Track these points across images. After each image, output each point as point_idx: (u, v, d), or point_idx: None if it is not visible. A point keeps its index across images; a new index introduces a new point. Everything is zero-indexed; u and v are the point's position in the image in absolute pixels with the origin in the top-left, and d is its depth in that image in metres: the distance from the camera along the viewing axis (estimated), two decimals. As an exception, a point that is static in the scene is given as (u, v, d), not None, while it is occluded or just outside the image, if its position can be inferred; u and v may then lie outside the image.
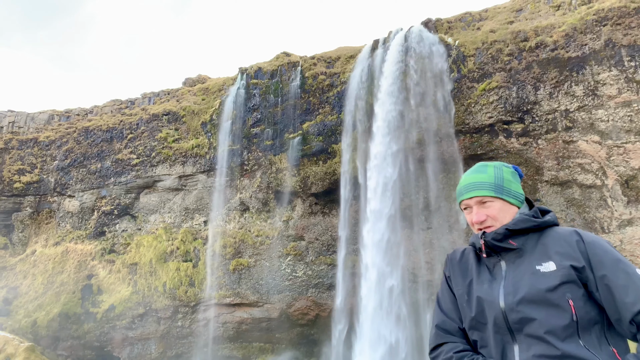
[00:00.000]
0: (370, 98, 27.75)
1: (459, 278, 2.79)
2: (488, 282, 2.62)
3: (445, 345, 2.69)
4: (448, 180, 26.17)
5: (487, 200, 2.72)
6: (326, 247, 30.08)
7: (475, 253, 2.79)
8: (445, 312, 2.80)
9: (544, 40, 23.86)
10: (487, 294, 2.57)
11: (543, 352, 2.36)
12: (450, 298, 2.82)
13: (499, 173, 2.79)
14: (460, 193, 2.85)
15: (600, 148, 22.87)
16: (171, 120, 33.95)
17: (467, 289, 2.70)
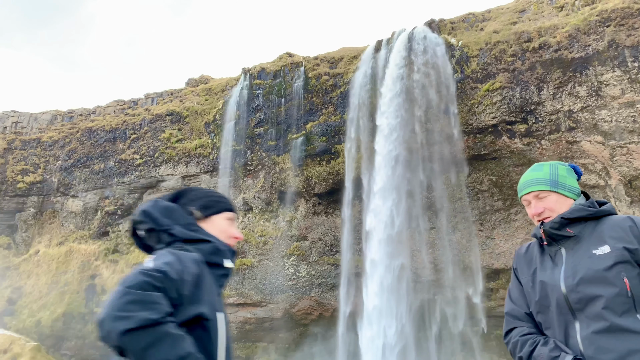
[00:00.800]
0: (373, 98, 27.85)
1: (524, 268, 3.05)
2: (550, 269, 2.86)
3: (514, 330, 2.97)
4: (451, 180, 26.27)
5: (544, 194, 2.99)
6: (329, 247, 30.18)
7: (539, 245, 3.05)
8: (513, 300, 3.06)
9: (547, 41, 23.94)
10: (549, 279, 2.82)
11: (602, 327, 2.57)
12: (517, 287, 3.07)
13: (554, 170, 3.06)
14: (520, 189, 3.15)
15: (603, 148, 22.96)
16: (174, 121, 34.05)
17: (532, 277, 2.96)
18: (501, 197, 26.41)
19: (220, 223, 2.68)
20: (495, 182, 26.24)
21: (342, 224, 28.63)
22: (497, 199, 26.51)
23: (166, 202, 2.63)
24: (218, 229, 2.65)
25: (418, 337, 25.16)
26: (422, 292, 26.81)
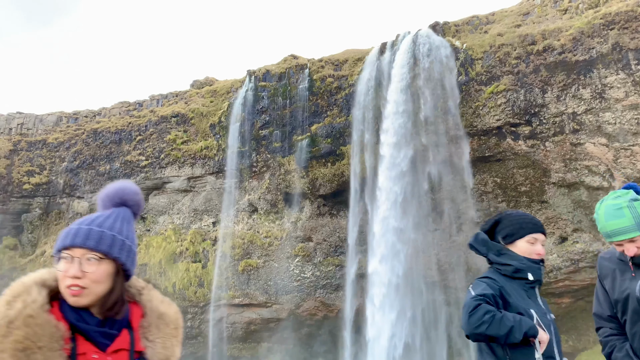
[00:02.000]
0: (378, 100, 28.04)
1: (608, 274, 3.62)
2: (629, 279, 3.44)
3: (600, 329, 3.64)
4: (456, 181, 26.44)
5: (635, 237, 3.36)
6: (334, 249, 30.36)
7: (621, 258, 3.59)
8: (599, 302, 3.67)
9: (551, 43, 24.14)
10: (629, 287, 3.39)
11: None
12: (602, 291, 3.65)
13: (635, 212, 3.35)
14: (609, 236, 3.47)
15: (607, 150, 23.15)
16: (180, 122, 34.26)
17: (613, 283, 3.55)
18: (505, 198, 26.58)
19: (522, 246, 3.44)
20: (499, 184, 26.42)
21: (348, 225, 28.82)
22: (501, 200, 26.69)
23: (483, 235, 3.60)
24: (520, 250, 3.42)
25: (423, 337, 25.33)
26: (427, 293, 26.98)
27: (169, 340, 2.15)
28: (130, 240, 2.14)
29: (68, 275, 1.94)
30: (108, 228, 2.09)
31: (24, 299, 1.88)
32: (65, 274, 1.94)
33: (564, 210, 25.02)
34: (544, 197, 25.50)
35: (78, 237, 2.00)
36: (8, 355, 1.75)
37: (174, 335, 2.16)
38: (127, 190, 2.27)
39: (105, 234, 2.06)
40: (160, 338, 2.13)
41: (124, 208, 2.25)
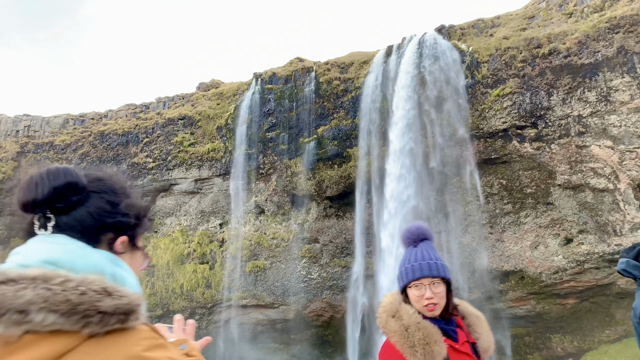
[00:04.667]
0: (385, 103, 28.28)
1: None
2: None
3: None
4: (462, 183, 26.67)
5: None
6: (340, 250, 30.59)
7: None
8: None
9: (557, 47, 24.38)
10: None
11: None
12: None
13: None
14: None
15: (612, 153, 23.37)
16: (187, 125, 34.52)
17: None
18: (511, 200, 26.80)
19: None
20: (505, 186, 26.65)
21: (354, 226, 29.05)
22: (506, 202, 26.91)
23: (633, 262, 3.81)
24: None
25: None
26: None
27: (488, 333, 2.95)
28: (443, 262, 2.98)
29: (425, 298, 2.79)
30: (434, 259, 2.93)
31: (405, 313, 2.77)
32: (421, 297, 2.80)
33: (570, 212, 25.23)
34: (550, 199, 25.71)
35: (424, 271, 2.84)
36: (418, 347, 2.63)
37: (489, 329, 2.98)
38: (423, 229, 3.08)
39: (437, 264, 2.89)
40: (484, 331, 2.93)
41: (427, 241, 3.07)
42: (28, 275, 1.14)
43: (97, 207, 1.38)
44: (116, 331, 1.16)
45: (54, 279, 1.14)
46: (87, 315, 1.12)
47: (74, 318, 1.11)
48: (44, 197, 1.32)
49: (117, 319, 1.15)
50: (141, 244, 1.51)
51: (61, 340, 1.09)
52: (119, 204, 1.43)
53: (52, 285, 1.13)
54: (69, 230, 1.34)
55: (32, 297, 1.09)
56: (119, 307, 1.16)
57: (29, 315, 1.08)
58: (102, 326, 1.13)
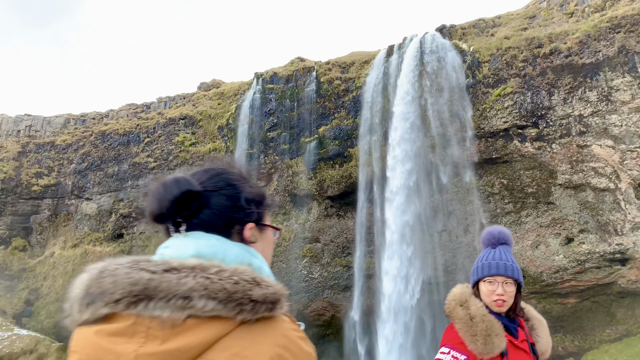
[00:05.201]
0: (386, 103, 28.32)
1: None
2: None
3: None
4: (463, 183, 26.72)
5: None
6: (341, 249, 30.64)
7: None
8: None
9: (558, 46, 24.42)
10: None
11: None
12: None
13: None
14: None
15: (613, 152, 23.42)
16: (188, 124, 34.58)
17: None
18: (512, 200, 26.84)
19: None
20: (506, 185, 26.69)
21: (355, 226, 29.10)
22: (507, 202, 26.96)
23: None
24: None
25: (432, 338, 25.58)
26: (434, 293, 27.25)
27: (547, 338, 3.22)
28: (518, 267, 3.23)
29: (496, 293, 3.09)
30: (511, 262, 3.19)
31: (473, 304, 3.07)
32: (492, 293, 3.10)
33: (570, 212, 25.28)
34: (551, 199, 25.75)
35: (500, 269, 3.12)
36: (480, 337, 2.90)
37: (549, 334, 3.25)
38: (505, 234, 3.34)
39: (513, 266, 3.17)
40: (544, 335, 3.22)
41: (506, 245, 3.33)
42: (188, 265, 1.25)
43: (219, 206, 1.46)
44: (264, 318, 1.25)
45: (210, 268, 1.24)
46: (241, 303, 1.21)
47: (231, 305, 1.21)
48: (166, 211, 1.41)
49: (266, 307, 1.24)
50: (268, 221, 1.60)
51: (218, 325, 1.20)
52: (239, 197, 1.50)
53: (209, 274, 1.23)
54: (201, 229, 1.42)
55: (194, 284, 1.19)
56: (268, 296, 1.25)
57: (192, 301, 1.18)
58: (253, 313, 1.22)
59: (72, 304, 1.27)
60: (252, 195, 1.53)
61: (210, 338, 1.18)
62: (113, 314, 1.22)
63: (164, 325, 1.17)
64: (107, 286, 1.22)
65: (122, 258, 1.30)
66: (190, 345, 1.16)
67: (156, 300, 1.18)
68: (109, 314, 1.22)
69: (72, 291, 1.29)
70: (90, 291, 1.24)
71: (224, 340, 1.19)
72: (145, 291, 1.19)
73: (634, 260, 23.59)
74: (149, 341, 1.17)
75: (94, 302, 1.22)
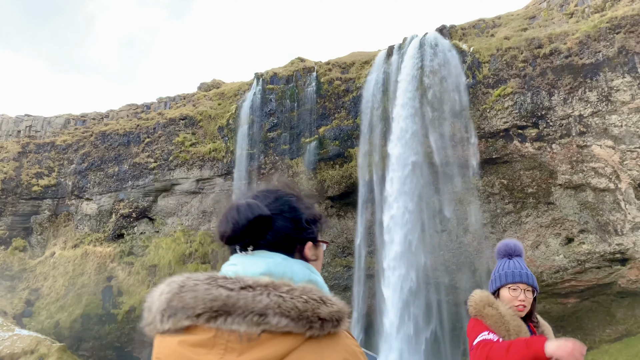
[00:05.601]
0: (386, 103, 28.35)
1: None
2: None
3: None
4: (463, 183, 26.75)
5: None
6: (341, 250, 30.67)
7: None
8: None
9: (558, 47, 24.46)
10: None
11: None
12: None
13: None
14: None
15: (613, 152, 23.46)
16: (188, 125, 34.60)
17: None
18: (512, 200, 26.88)
19: None
20: (506, 186, 26.72)
21: (355, 226, 29.12)
22: (508, 202, 27.00)
23: None
24: None
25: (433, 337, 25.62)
26: (435, 293, 27.28)
27: None
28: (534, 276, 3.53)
29: (519, 299, 3.37)
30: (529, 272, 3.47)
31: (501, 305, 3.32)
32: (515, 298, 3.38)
33: (571, 212, 25.32)
34: (551, 199, 25.79)
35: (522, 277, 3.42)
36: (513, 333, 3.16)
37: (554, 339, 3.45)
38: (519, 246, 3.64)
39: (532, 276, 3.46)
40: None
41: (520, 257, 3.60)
42: (261, 283, 1.35)
43: (283, 228, 1.56)
44: (329, 334, 1.36)
45: (281, 287, 1.35)
46: (311, 320, 1.32)
47: (301, 322, 1.31)
48: (240, 234, 1.51)
49: (332, 324, 1.35)
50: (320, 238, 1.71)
51: (290, 339, 1.30)
52: (301, 220, 1.61)
53: (281, 292, 1.33)
54: (266, 249, 1.54)
55: (268, 302, 1.30)
56: (333, 314, 1.36)
57: (267, 318, 1.29)
58: (321, 330, 1.33)
59: (153, 314, 1.36)
60: (310, 217, 1.64)
61: (282, 352, 1.28)
62: (194, 326, 1.31)
63: (242, 339, 1.27)
64: (188, 301, 1.31)
65: (200, 274, 1.39)
66: (265, 358, 1.27)
67: (234, 316, 1.28)
68: (189, 325, 1.31)
69: (151, 302, 1.39)
70: (172, 304, 1.33)
71: (295, 353, 1.30)
72: (224, 307, 1.29)
73: (633, 260, 23.64)
74: (227, 353, 1.27)
75: (176, 314, 1.32)
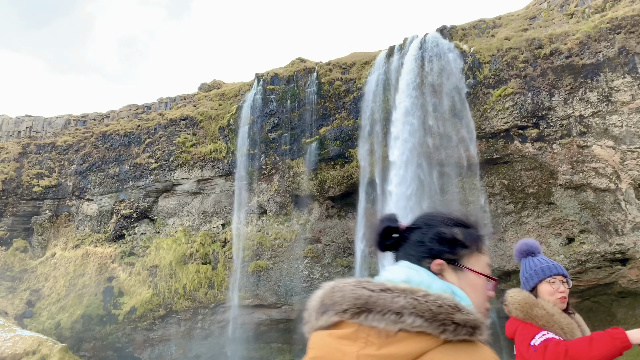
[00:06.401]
0: (387, 104, 28.39)
1: None
2: None
3: None
4: (464, 184, 26.79)
5: None
6: (342, 250, 30.72)
7: None
8: None
9: (558, 47, 24.49)
10: None
11: None
12: None
13: None
14: None
15: (614, 153, 23.49)
16: (189, 125, 34.64)
17: None
18: (512, 200, 26.93)
19: None
20: (507, 186, 26.77)
21: (356, 227, 29.18)
22: (508, 202, 27.04)
23: None
24: None
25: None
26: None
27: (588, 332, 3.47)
28: None
29: (559, 291, 3.53)
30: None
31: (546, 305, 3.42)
32: (556, 291, 3.53)
33: (571, 212, 25.37)
34: (551, 199, 25.84)
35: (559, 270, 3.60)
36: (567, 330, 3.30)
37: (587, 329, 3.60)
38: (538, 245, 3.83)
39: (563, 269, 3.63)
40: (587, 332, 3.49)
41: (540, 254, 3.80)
42: (399, 288, 1.49)
43: (412, 241, 1.74)
44: (465, 341, 1.44)
45: (418, 292, 1.47)
46: (445, 323, 1.41)
47: (435, 324, 1.41)
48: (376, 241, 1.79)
49: (467, 330, 1.43)
50: (470, 266, 1.76)
51: (424, 340, 1.40)
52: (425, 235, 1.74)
53: (417, 296, 1.45)
54: (403, 258, 1.72)
55: (404, 303, 1.43)
56: (468, 321, 1.44)
57: (403, 317, 1.41)
58: (455, 334, 1.41)
59: (310, 313, 1.59)
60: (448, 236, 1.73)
61: (417, 351, 1.38)
62: (341, 322, 1.49)
63: (380, 334, 1.41)
64: (337, 299, 1.51)
65: (349, 278, 1.58)
66: (400, 353, 1.38)
67: (374, 313, 1.43)
68: (338, 321, 1.49)
69: (310, 304, 1.62)
70: (324, 302, 1.55)
71: (430, 354, 1.39)
72: (366, 305, 1.44)
73: (634, 260, 23.69)
74: (367, 346, 1.41)
75: (327, 311, 1.52)
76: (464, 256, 1.73)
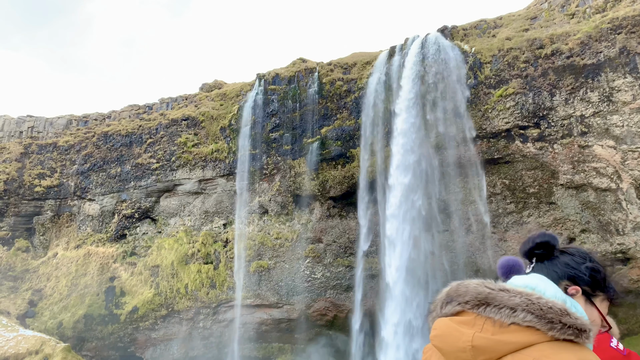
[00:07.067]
0: (388, 103, 28.44)
1: None
2: None
3: None
4: (465, 183, 26.83)
5: None
6: (343, 250, 30.76)
7: None
8: None
9: (559, 47, 24.54)
10: None
11: None
12: None
13: None
14: None
15: (615, 152, 23.54)
16: (190, 125, 34.68)
17: None
18: (514, 200, 26.97)
19: None
20: (508, 186, 26.82)
21: (357, 226, 29.22)
22: (509, 202, 27.09)
23: None
24: None
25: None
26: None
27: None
28: None
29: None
30: None
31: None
32: None
33: (572, 212, 25.41)
34: (552, 199, 25.89)
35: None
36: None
37: None
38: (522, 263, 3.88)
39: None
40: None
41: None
42: (516, 290, 1.78)
43: (561, 263, 2.11)
44: (571, 342, 1.68)
45: (532, 295, 1.75)
46: (552, 321, 1.67)
47: (543, 321, 1.67)
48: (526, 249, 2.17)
49: (572, 331, 1.67)
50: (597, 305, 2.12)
51: (533, 334, 1.67)
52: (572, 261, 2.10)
53: (530, 297, 1.73)
54: (542, 272, 2.05)
55: (519, 302, 1.71)
56: (575, 323, 1.69)
57: (516, 312, 1.69)
58: (561, 333, 1.66)
59: (436, 304, 1.90)
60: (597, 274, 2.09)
61: (525, 341, 1.65)
62: (462, 311, 1.80)
63: (495, 324, 1.70)
64: (461, 292, 1.82)
65: (474, 279, 1.87)
66: (511, 340, 1.65)
67: (492, 307, 1.73)
68: (459, 311, 1.80)
69: (437, 297, 1.92)
70: (450, 294, 1.86)
71: (537, 346, 1.65)
72: (485, 299, 1.75)
73: (635, 260, 23.73)
74: (483, 331, 1.69)
75: (451, 301, 1.83)
76: (598, 296, 2.09)
